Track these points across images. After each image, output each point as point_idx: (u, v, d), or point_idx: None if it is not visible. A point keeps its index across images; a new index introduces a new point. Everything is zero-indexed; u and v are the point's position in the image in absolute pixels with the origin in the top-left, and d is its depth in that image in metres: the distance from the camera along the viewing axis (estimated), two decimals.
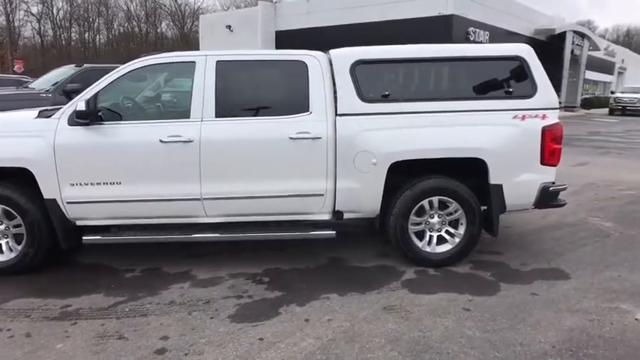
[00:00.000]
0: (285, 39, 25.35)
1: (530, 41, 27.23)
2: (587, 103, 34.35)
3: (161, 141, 3.68)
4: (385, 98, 3.82)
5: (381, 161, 3.73)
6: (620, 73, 44.98)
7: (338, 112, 3.77)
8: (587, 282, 3.70)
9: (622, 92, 31.32)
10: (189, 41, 49.53)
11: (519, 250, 4.39)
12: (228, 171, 3.76)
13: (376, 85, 3.94)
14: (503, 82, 3.90)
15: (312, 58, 3.85)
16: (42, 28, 51.00)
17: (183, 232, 3.87)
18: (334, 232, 3.87)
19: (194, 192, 3.75)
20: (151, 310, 3.26)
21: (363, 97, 3.79)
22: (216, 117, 3.75)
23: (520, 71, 3.87)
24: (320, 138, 3.73)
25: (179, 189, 3.75)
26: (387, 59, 3.91)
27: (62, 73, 9.66)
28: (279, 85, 4.01)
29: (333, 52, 3.93)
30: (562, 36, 28.74)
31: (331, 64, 3.88)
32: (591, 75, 36.98)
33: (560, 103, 3.89)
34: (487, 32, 22.17)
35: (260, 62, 3.91)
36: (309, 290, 3.57)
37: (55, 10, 51.52)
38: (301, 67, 3.83)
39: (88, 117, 3.58)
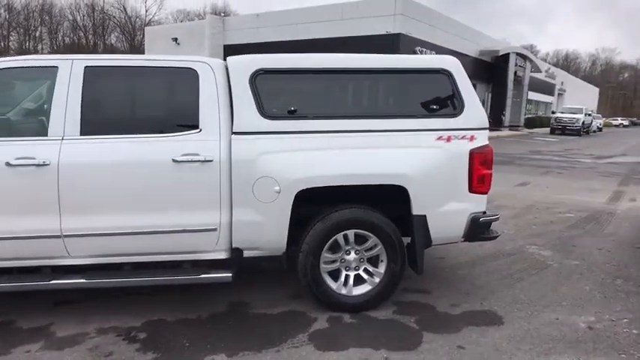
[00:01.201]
0: (233, 53, 24.14)
1: (476, 62, 27.99)
2: (530, 123, 35.64)
3: (8, 164, 2.93)
4: (291, 115, 3.24)
5: (285, 189, 3.13)
6: (560, 94, 47.26)
7: (234, 130, 3.16)
8: (522, 328, 3.21)
9: (562, 112, 32.68)
10: (139, 54, 47.94)
11: (450, 288, 3.87)
12: (96, 201, 3.05)
13: (281, 98, 3.37)
14: (426, 98, 3.42)
15: (205, 66, 3.23)
16: None
17: (40, 278, 3.10)
18: (230, 274, 3.20)
19: (52, 227, 3.01)
20: None
21: (265, 113, 3.19)
22: (81, 135, 3.05)
23: (445, 86, 3.40)
24: (211, 161, 3.10)
25: (33, 224, 2.99)
26: (294, 69, 3.34)
27: None
28: (163, 96, 3.35)
29: (231, 59, 3.33)
30: (506, 58, 29.71)
31: (228, 74, 3.27)
32: (533, 96, 38.57)
33: (489, 122, 3.43)
34: (433, 52, 22.41)
35: (140, 69, 3.23)
36: (193, 349, 2.88)
37: None
38: (191, 76, 3.20)
39: None
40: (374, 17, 20.96)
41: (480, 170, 3.37)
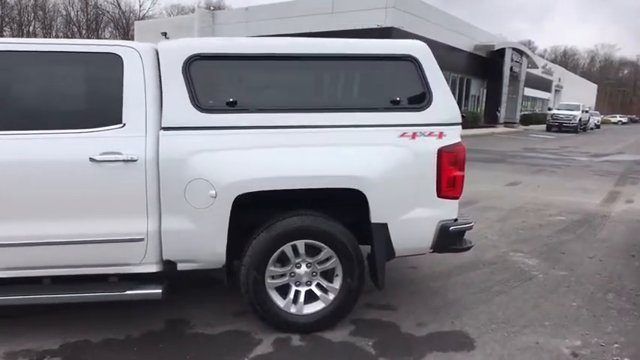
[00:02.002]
0: None
1: (471, 57, 27.54)
2: (526, 119, 35.23)
3: None
4: (231, 107, 2.80)
5: (222, 193, 2.71)
6: (557, 91, 46.87)
7: (163, 125, 2.73)
8: (495, 354, 2.79)
9: (558, 109, 32.26)
10: None
11: (419, 303, 3.45)
12: (2, 207, 2.62)
13: (220, 89, 2.93)
14: (388, 88, 2.99)
15: (131, 51, 2.79)
16: None
17: None
18: (160, 290, 2.78)
19: None
20: None
21: (200, 106, 2.76)
22: None
23: (411, 75, 2.97)
24: (135, 161, 2.67)
25: None
26: (234, 55, 2.89)
27: None
28: (82, 86, 2.89)
29: (163, 43, 2.89)
30: (501, 53, 29.27)
31: (159, 60, 2.84)
32: (530, 92, 38.16)
33: (460, 117, 3.01)
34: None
35: (54, 55, 2.78)
36: None
37: None
38: (114, 63, 2.76)
39: None
40: (365, 10, 20.48)
41: (450, 172, 2.94)
